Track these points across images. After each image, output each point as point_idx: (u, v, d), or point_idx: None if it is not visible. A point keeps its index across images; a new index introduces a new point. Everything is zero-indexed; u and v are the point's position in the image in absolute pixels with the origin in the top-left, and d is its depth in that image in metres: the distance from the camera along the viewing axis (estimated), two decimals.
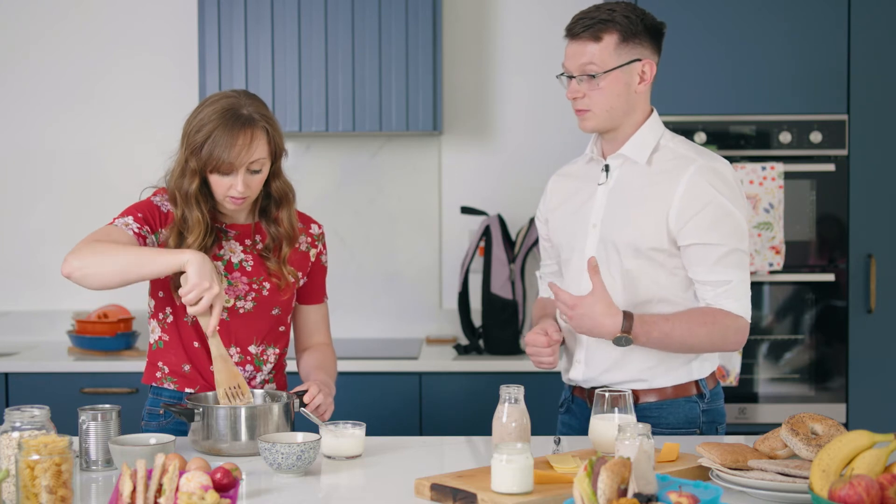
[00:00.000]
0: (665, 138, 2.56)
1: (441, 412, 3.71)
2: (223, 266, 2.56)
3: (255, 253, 2.59)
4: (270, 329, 2.61)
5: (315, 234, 2.70)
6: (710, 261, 2.44)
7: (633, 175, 2.54)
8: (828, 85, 3.67)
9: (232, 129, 2.44)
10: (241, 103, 2.48)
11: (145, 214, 2.52)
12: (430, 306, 4.28)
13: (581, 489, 1.72)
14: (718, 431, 2.59)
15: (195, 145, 2.46)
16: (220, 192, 2.49)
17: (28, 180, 4.30)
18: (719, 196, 2.45)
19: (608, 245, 2.51)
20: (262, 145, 2.48)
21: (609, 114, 2.51)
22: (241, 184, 2.46)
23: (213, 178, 2.48)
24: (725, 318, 2.45)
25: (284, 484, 2.13)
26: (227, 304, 2.54)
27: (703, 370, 2.55)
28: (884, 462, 1.77)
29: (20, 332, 4.26)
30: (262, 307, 2.58)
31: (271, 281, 2.59)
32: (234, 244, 2.58)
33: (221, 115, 2.46)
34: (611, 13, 2.48)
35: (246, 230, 2.60)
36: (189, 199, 2.49)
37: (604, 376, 2.54)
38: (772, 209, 3.61)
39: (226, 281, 2.55)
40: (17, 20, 4.27)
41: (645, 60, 2.51)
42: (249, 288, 2.57)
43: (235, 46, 3.93)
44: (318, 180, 4.27)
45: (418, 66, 3.92)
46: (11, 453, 1.98)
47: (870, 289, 3.67)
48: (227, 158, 2.43)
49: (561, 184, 2.71)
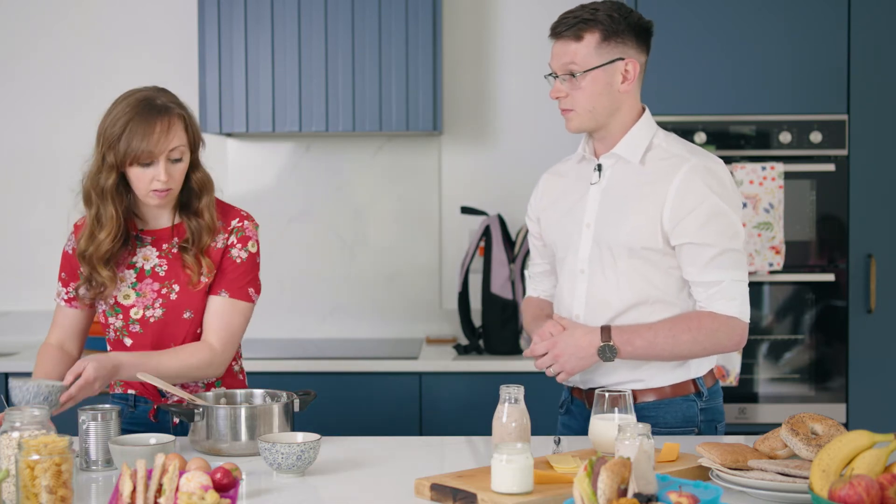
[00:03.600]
0: (658, 137, 2.55)
1: (441, 412, 3.71)
2: (135, 274, 2.56)
3: (170, 256, 2.57)
4: (188, 334, 2.57)
5: (234, 227, 2.60)
6: (702, 261, 2.44)
7: (627, 174, 2.53)
8: (828, 85, 3.67)
9: (148, 117, 2.45)
10: (154, 95, 2.51)
11: (67, 271, 2.62)
12: (430, 306, 4.28)
13: (581, 489, 1.72)
14: (717, 430, 2.59)
15: (112, 139, 2.45)
16: (142, 186, 2.48)
17: (28, 180, 4.30)
18: (713, 195, 2.44)
19: (602, 245, 2.51)
20: (180, 133, 2.48)
21: (592, 113, 2.50)
22: (163, 172, 2.45)
23: (134, 173, 2.47)
24: (712, 322, 2.44)
25: (284, 484, 2.13)
26: (136, 316, 2.56)
27: (700, 369, 2.55)
28: (884, 462, 1.77)
29: (20, 332, 4.26)
30: (172, 312, 2.55)
31: (181, 281, 2.55)
32: (150, 250, 2.57)
33: (136, 106, 2.47)
34: (594, 12, 2.47)
35: (164, 234, 2.58)
36: (105, 194, 2.49)
37: (601, 377, 2.54)
38: (772, 209, 3.61)
39: (134, 293, 2.56)
40: (17, 21, 4.27)
41: (628, 59, 2.48)
42: (157, 294, 2.55)
43: (235, 46, 3.93)
44: (318, 180, 4.27)
45: (418, 66, 3.92)
46: (11, 453, 1.98)
47: (870, 289, 3.67)
48: (147, 147, 2.43)
49: (553, 182, 2.70)
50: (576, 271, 2.55)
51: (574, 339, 2.46)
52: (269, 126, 3.94)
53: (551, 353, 2.47)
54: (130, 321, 2.57)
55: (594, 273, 2.52)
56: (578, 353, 2.45)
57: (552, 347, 2.47)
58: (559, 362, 2.47)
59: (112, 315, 2.58)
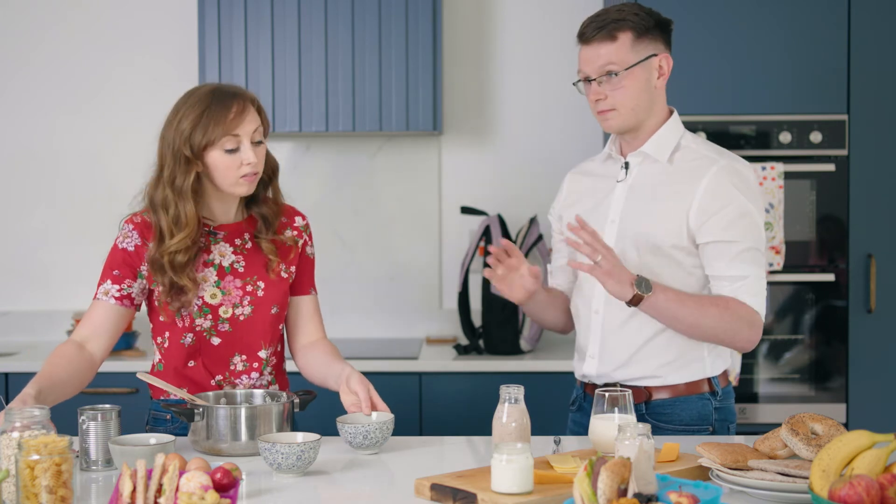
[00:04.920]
0: (686, 139, 2.59)
1: (441, 412, 3.71)
2: (216, 272, 2.53)
3: (245, 252, 2.56)
4: (273, 329, 2.60)
5: (300, 225, 2.66)
6: (729, 256, 2.46)
7: (654, 173, 2.56)
8: (828, 85, 3.67)
9: (223, 101, 2.45)
10: (219, 85, 2.52)
11: (120, 269, 2.50)
12: (430, 306, 4.28)
13: (581, 489, 1.72)
14: (730, 430, 2.60)
15: (187, 132, 2.43)
16: (231, 174, 2.46)
17: (29, 180, 4.30)
18: (740, 196, 2.47)
19: (626, 241, 2.53)
20: (255, 116, 2.48)
21: (634, 111, 2.53)
22: (252, 154, 2.44)
23: (220, 162, 2.44)
24: (739, 308, 2.45)
25: (284, 484, 2.13)
26: (225, 315, 2.53)
27: (715, 367, 2.56)
28: (884, 462, 1.77)
29: (20, 332, 4.26)
30: (260, 308, 2.56)
31: (264, 276, 2.56)
32: (224, 246, 2.55)
33: (206, 96, 2.46)
34: (620, 12, 2.52)
35: (236, 229, 2.57)
36: (184, 194, 2.45)
37: (617, 372, 2.54)
38: (772, 209, 3.61)
39: (220, 292, 2.52)
40: (18, 22, 4.27)
41: (661, 55, 2.55)
42: (244, 292, 2.54)
43: (235, 46, 3.93)
44: (318, 180, 4.27)
45: (418, 66, 3.92)
46: (11, 453, 1.98)
47: (870, 289, 3.67)
48: (229, 129, 2.42)
49: (578, 181, 2.73)
50: None
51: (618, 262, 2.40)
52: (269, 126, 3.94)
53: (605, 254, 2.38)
54: (220, 320, 2.52)
55: None
56: (620, 271, 2.39)
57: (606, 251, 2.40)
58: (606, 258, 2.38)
59: (200, 316, 2.51)
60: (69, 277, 4.27)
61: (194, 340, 2.52)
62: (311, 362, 2.64)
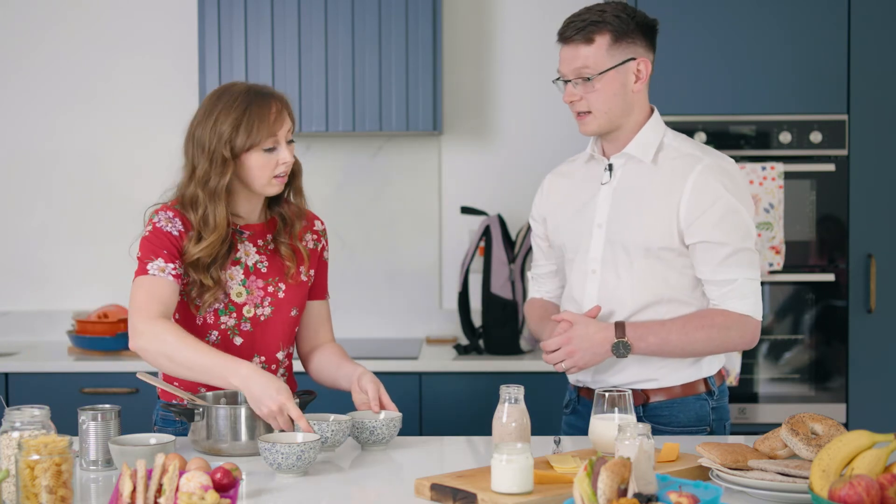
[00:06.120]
0: (668, 137, 2.56)
1: (441, 412, 3.71)
2: (242, 271, 2.51)
3: (268, 253, 2.55)
4: (290, 331, 2.60)
5: (319, 229, 2.68)
6: (716, 260, 2.45)
7: (638, 174, 2.53)
8: (828, 85, 3.67)
9: (262, 102, 2.44)
10: (251, 84, 2.50)
11: (169, 249, 2.44)
12: (430, 306, 4.28)
13: (581, 489, 1.72)
14: (726, 429, 2.60)
15: (226, 135, 2.41)
16: (265, 174, 2.45)
17: (29, 180, 4.30)
18: (727, 194, 2.45)
19: (615, 245, 2.51)
20: (288, 116, 2.49)
21: (608, 115, 2.50)
22: (288, 154, 2.46)
23: (257, 162, 2.43)
24: (725, 320, 2.45)
25: (284, 484, 2.13)
26: (248, 315, 2.52)
27: (711, 368, 2.56)
28: (884, 462, 1.77)
29: (20, 332, 4.26)
30: (280, 310, 2.55)
31: (285, 278, 2.55)
32: (249, 246, 2.53)
33: (244, 95, 2.45)
34: (601, 14, 2.46)
35: (260, 229, 2.56)
36: (217, 195, 2.43)
37: (613, 377, 2.54)
38: (772, 209, 3.61)
39: (245, 291, 2.51)
40: (18, 22, 4.27)
41: (639, 59, 2.49)
42: (265, 293, 2.53)
43: (235, 46, 3.93)
44: (318, 180, 4.26)
45: (418, 66, 3.92)
46: (11, 453, 1.98)
47: (870, 289, 3.67)
48: (274, 130, 2.43)
49: (559, 183, 2.69)
50: (587, 272, 2.55)
51: (588, 334, 2.45)
52: None
53: (565, 348, 2.46)
54: (243, 319, 2.52)
55: (606, 273, 2.52)
56: (592, 348, 2.45)
57: (566, 343, 2.46)
58: (572, 358, 2.46)
59: (225, 314, 2.50)
60: (68, 277, 4.27)
61: (219, 339, 2.51)
62: (323, 364, 2.64)
